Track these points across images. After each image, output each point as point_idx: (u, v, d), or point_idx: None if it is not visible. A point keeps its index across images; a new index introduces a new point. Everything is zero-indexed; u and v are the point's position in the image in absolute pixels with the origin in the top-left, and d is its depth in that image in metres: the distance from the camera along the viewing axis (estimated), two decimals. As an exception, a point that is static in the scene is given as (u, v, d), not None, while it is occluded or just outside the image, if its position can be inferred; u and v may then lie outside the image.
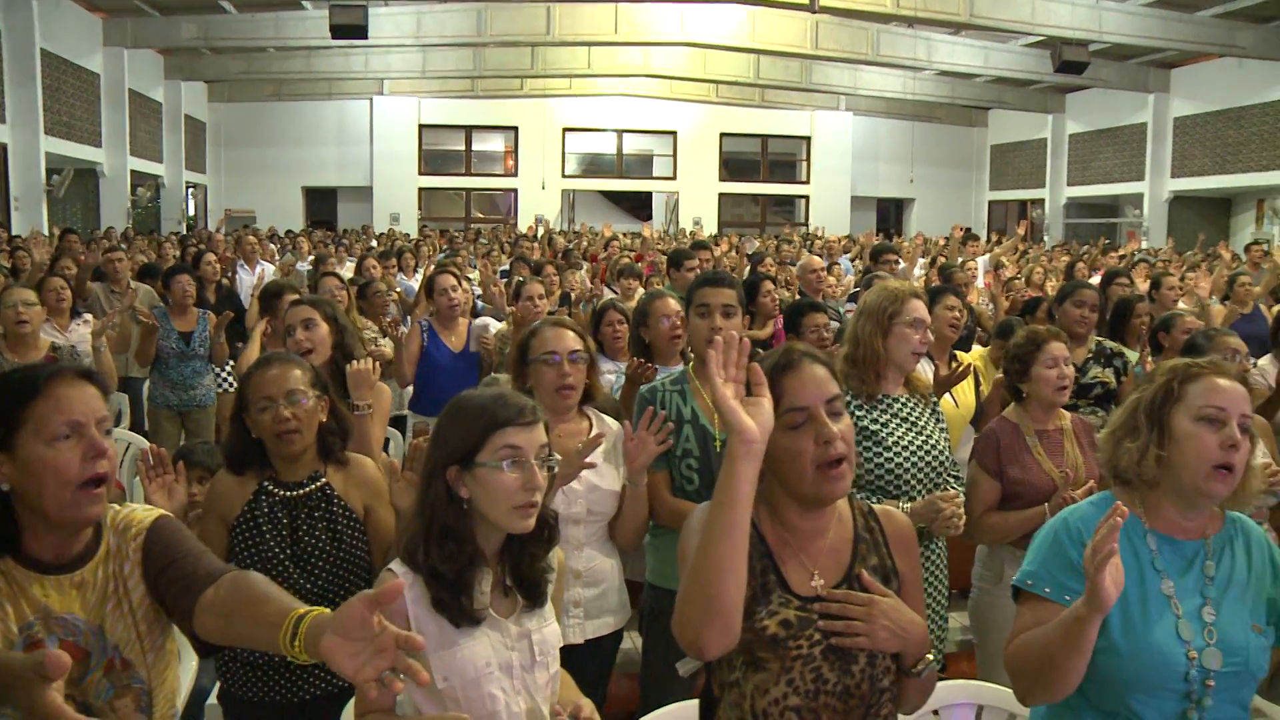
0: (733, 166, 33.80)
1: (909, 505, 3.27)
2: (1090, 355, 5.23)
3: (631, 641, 4.39)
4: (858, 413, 3.39)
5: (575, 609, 3.31)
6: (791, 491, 2.06)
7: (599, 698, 3.32)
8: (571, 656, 2.58)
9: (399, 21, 21.38)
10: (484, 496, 2.17)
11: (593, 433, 3.31)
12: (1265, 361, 5.53)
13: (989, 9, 19.37)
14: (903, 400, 3.50)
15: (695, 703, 2.29)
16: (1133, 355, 5.43)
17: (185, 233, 21.75)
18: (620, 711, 3.98)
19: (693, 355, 3.97)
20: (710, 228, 30.72)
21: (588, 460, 3.11)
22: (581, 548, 3.34)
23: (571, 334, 3.38)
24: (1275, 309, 8.75)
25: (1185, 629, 2.10)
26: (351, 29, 18.37)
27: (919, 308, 3.51)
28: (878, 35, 22.68)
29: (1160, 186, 26.76)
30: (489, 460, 2.16)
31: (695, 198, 32.41)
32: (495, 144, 32.96)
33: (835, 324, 5.63)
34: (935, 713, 2.80)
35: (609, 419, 3.52)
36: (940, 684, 2.82)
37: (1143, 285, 8.12)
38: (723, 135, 32.95)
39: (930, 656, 2.14)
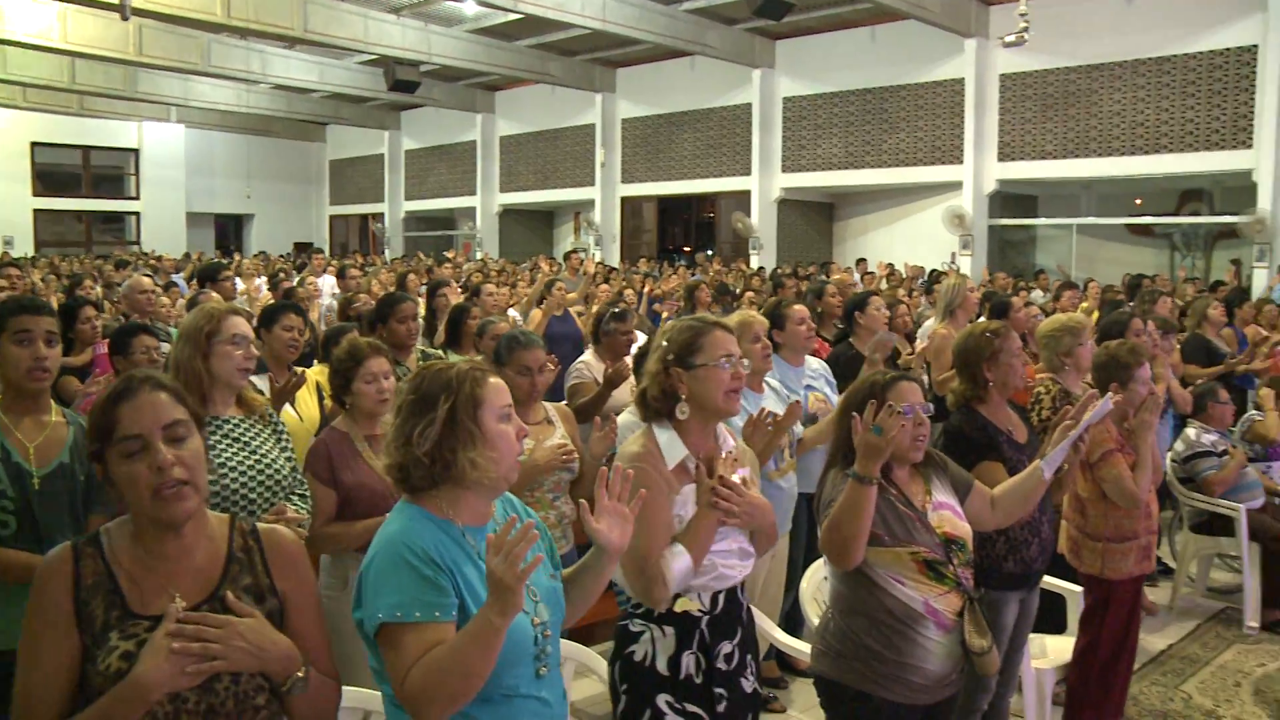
0: (49, 180, 30.94)
1: None
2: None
3: None
4: None
5: None
6: (138, 517, 2.09)
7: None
8: None
9: None
10: None
11: None
12: (590, 356, 6.07)
13: (323, 25, 19.42)
14: (235, 420, 3.49)
15: None
16: (454, 358, 5.71)
17: None
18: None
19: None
20: (25, 247, 27.81)
21: None
22: None
23: None
24: (594, 310, 9.68)
25: (527, 604, 2.24)
26: None
27: (239, 324, 3.55)
28: (209, 45, 21.96)
29: (491, 200, 28.75)
30: None
31: (5, 214, 29.22)
32: None
33: (166, 345, 5.34)
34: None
35: None
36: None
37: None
38: (35, 145, 30.10)
39: (300, 674, 2.14)
